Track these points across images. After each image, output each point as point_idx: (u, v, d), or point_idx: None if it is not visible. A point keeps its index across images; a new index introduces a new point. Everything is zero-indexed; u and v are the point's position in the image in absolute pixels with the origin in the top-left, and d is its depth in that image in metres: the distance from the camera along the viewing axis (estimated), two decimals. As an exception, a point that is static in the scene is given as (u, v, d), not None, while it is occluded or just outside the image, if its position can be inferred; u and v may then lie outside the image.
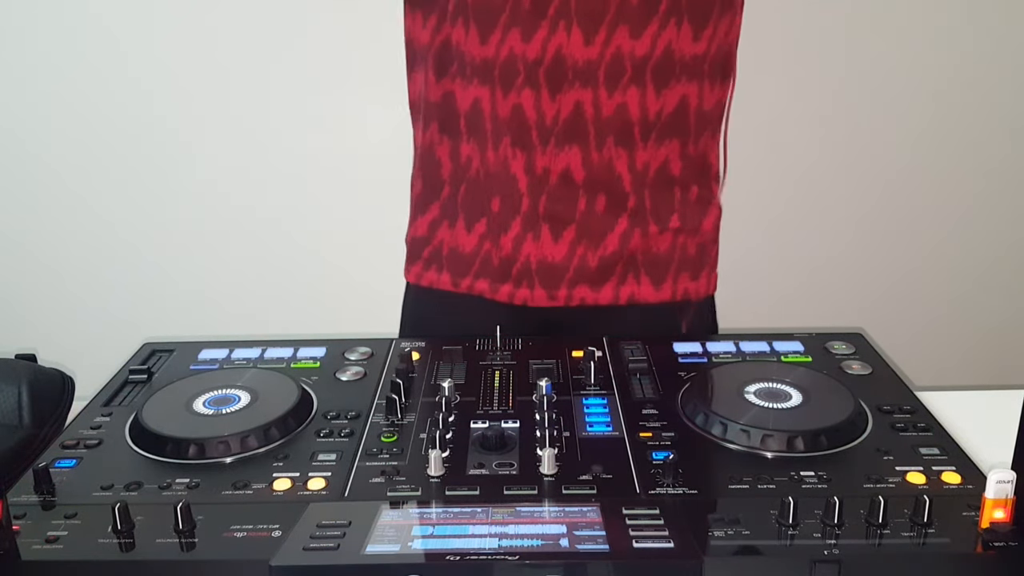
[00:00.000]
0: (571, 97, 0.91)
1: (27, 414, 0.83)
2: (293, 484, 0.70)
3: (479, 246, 0.99)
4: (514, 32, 0.89)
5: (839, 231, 1.90)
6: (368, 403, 0.84)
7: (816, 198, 1.87)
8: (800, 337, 0.97)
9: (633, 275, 0.98)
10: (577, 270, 0.97)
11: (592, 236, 0.96)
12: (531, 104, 0.92)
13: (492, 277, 1.00)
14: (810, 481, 0.70)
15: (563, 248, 0.97)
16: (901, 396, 0.84)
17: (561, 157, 0.93)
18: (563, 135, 0.92)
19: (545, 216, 0.96)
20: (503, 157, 0.94)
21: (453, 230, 1.00)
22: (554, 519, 0.65)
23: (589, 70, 0.90)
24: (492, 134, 0.94)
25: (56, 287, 1.88)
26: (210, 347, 0.96)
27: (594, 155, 0.93)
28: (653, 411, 0.81)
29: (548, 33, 0.89)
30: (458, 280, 1.02)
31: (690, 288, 1.01)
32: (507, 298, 1.00)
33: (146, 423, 0.78)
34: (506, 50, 0.90)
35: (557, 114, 0.92)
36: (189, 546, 0.63)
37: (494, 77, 0.91)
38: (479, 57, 0.91)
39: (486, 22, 0.90)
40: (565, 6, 0.88)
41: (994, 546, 0.61)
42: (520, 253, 0.97)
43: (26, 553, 0.62)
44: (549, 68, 0.90)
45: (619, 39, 0.89)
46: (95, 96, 1.75)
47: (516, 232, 0.97)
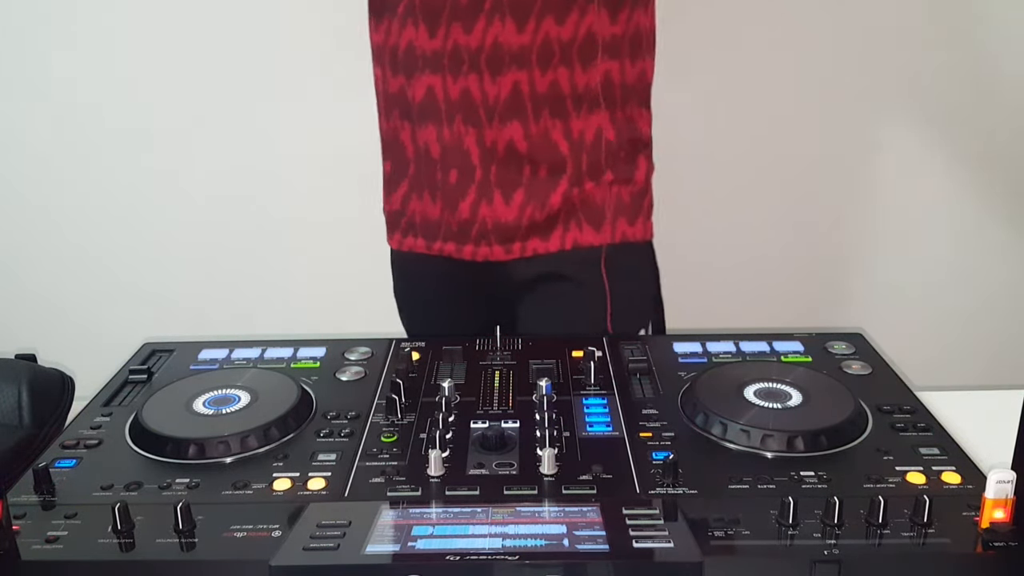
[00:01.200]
0: (509, 78, 1.03)
1: (27, 414, 0.83)
2: (293, 484, 0.70)
3: (442, 214, 1.12)
4: (456, 26, 1.02)
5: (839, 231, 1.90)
6: (368, 403, 0.84)
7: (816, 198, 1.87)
8: (800, 337, 0.97)
9: (575, 223, 1.10)
10: (527, 226, 1.09)
11: (538, 197, 1.08)
12: (476, 86, 1.04)
13: (456, 239, 1.12)
14: (810, 481, 0.70)
15: (514, 210, 1.09)
16: (901, 396, 0.84)
17: (505, 131, 1.05)
18: (505, 111, 1.04)
19: (496, 183, 1.08)
20: (457, 134, 1.06)
21: (421, 201, 1.13)
22: (554, 519, 0.65)
23: (523, 55, 1.02)
24: (446, 115, 1.06)
25: (56, 287, 1.88)
26: (210, 347, 0.96)
27: (532, 127, 1.05)
28: (653, 411, 0.81)
29: (486, 24, 1.01)
30: (430, 244, 1.14)
31: (628, 232, 1.12)
32: (471, 256, 1.12)
33: (146, 423, 0.78)
34: (451, 42, 1.03)
35: (498, 94, 1.04)
36: (189, 546, 0.63)
37: (444, 66, 1.04)
38: (430, 50, 1.04)
39: (432, 20, 1.03)
40: (498, 1, 1.01)
41: (994, 546, 0.61)
42: (477, 216, 1.10)
43: (26, 553, 0.62)
44: (489, 55, 1.02)
45: (547, 26, 1.02)
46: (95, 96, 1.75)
47: (472, 199, 1.09)
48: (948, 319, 1.97)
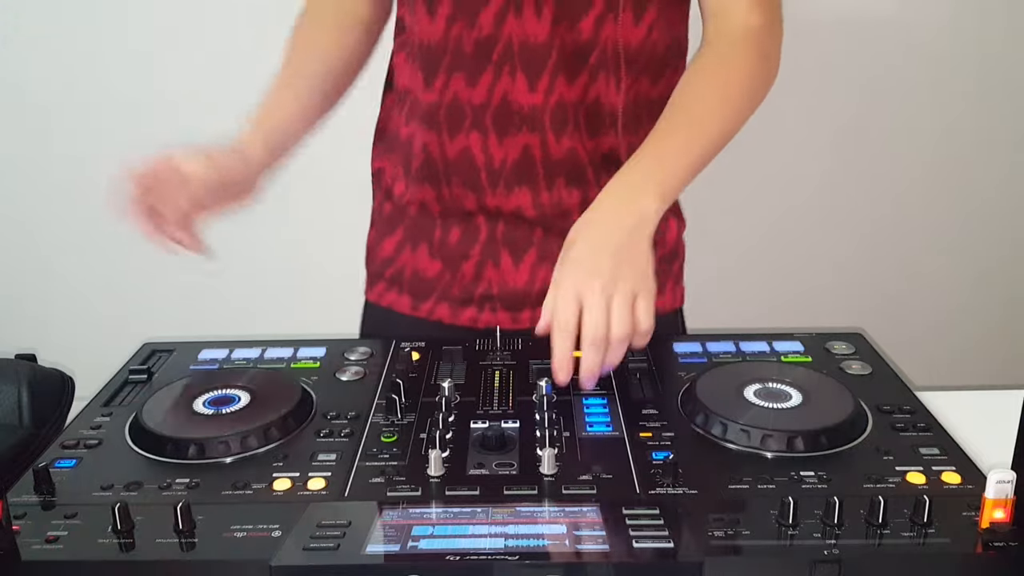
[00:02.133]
0: (519, 140, 0.93)
1: (27, 414, 0.83)
2: (293, 484, 0.70)
3: (440, 273, 1.01)
4: (457, 77, 0.92)
5: (839, 231, 1.90)
6: (368, 403, 0.84)
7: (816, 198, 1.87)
8: (800, 337, 0.97)
9: None
10: (540, 292, 0.96)
11: (553, 259, 0.95)
12: (479, 147, 0.94)
13: (452, 302, 1.01)
14: (810, 481, 0.70)
15: (524, 273, 0.98)
16: (901, 396, 0.84)
17: (511, 198, 0.96)
18: (512, 177, 0.95)
19: (504, 242, 0.98)
20: (456, 195, 0.97)
21: (415, 254, 1.02)
22: (554, 519, 0.65)
23: (535, 115, 0.93)
24: (443, 175, 0.97)
25: (56, 287, 1.88)
26: (210, 347, 0.96)
27: (544, 195, 0.96)
28: (653, 411, 0.81)
29: (493, 79, 0.91)
30: (418, 303, 1.03)
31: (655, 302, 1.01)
32: (469, 322, 1.01)
33: (146, 423, 0.78)
34: (450, 94, 0.93)
35: (505, 157, 0.94)
36: (189, 546, 0.63)
37: (439, 121, 0.94)
38: (424, 101, 0.95)
39: (430, 67, 0.93)
40: (508, 52, 0.91)
41: (994, 546, 0.61)
42: (482, 278, 0.99)
43: (26, 553, 0.62)
44: (496, 112, 0.92)
45: (560, 87, 0.92)
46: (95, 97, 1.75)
47: (476, 259, 0.99)
48: (948, 319, 1.97)
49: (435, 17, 0.91)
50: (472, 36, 0.91)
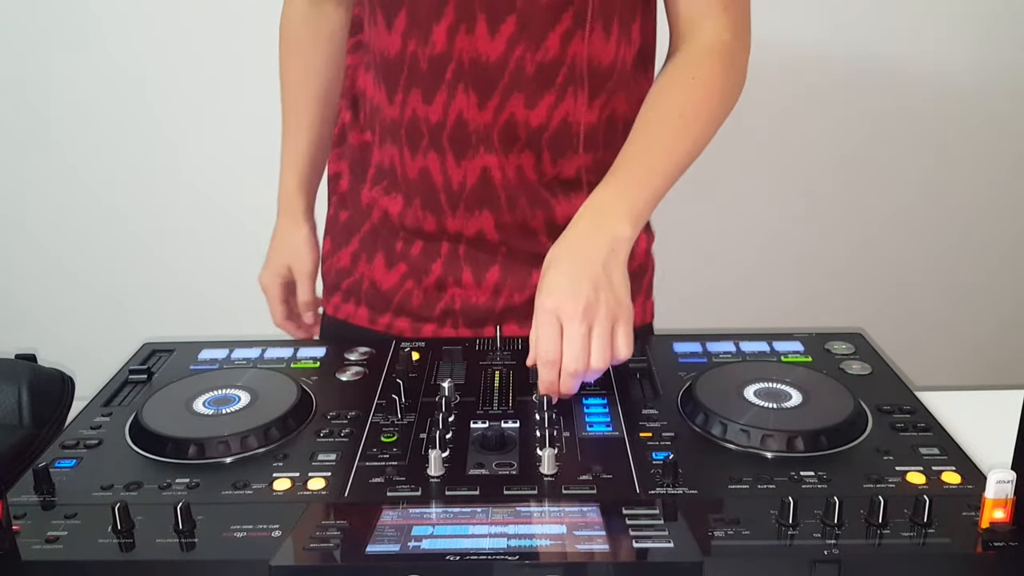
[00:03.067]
0: (477, 163, 0.91)
1: (27, 414, 0.83)
2: (293, 484, 0.70)
3: (400, 284, 0.99)
4: (415, 93, 0.90)
5: (839, 232, 1.90)
6: (368, 403, 0.84)
7: (816, 198, 1.87)
8: (800, 337, 0.97)
9: None
10: (503, 309, 0.97)
11: (516, 277, 0.96)
12: (437, 168, 0.92)
13: (413, 316, 0.99)
14: (810, 481, 0.70)
15: (487, 292, 0.97)
16: (901, 396, 0.84)
17: (472, 220, 0.94)
18: (472, 200, 0.93)
19: (466, 260, 0.96)
20: (417, 216, 0.95)
21: (371, 265, 1.00)
22: (554, 519, 0.65)
23: (487, 134, 0.90)
24: (405, 193, 0.95)
25: (56, 287, 1.89)
26: (210, 347, 0.96)
27: (506, 216, 0.94)
28: (653, 411, 0.81)
29: (447, 97, 0.89)
30: (375, 317, 1.01)
31: None
32: (432, 337, 0.99)
33: (146, 423, 0.78)
34: (409, 111, 0.91)
35: (464, 179, 0.92)
36: (189, 546, 0.63)
37: (401, 136, 0.92)
38: (388, 117, 0.93)
39: (391, 81, 0.91)
40: (460, 70, 0.88)
41: (994, 546, 0.61)
42: (444, 294, 0.97)
43: (26, 553, 0.62)
44: (452, 132, 0.90)
45: (512, 106, 0.89)
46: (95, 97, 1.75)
47: (438, 275, 0.97)
48: (948, 319, 1.97)
49: (392, 31, 0.90)
50: (426, 53, 0.89)
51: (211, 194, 1.82)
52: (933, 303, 1.96)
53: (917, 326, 1.93)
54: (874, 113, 1.80)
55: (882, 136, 1.82)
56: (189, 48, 1.72)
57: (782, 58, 1.73)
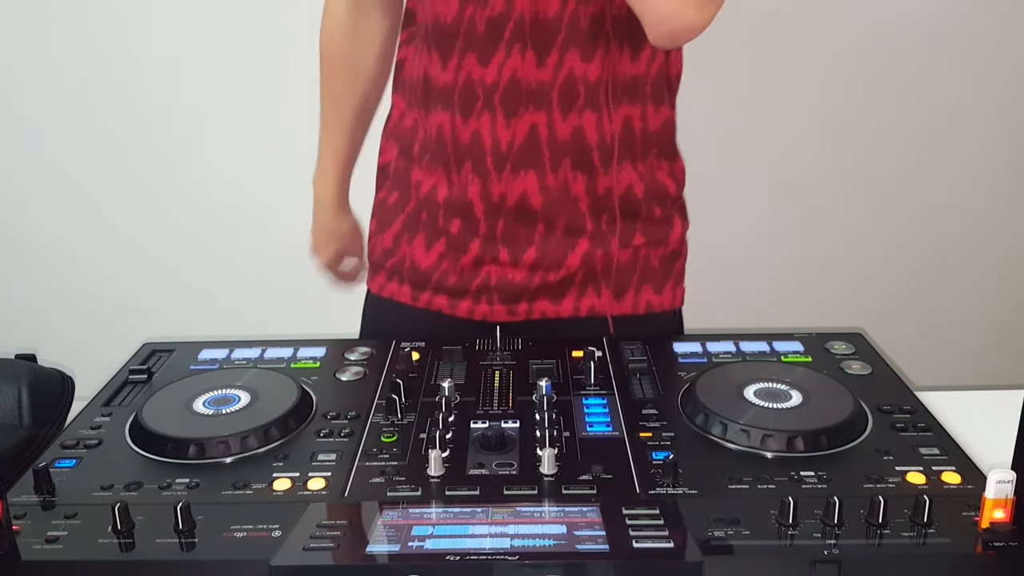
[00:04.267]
0: (526, 120, 0.93)
1: (27, 414, 0.83)
2: (293, 484, 0.70)
3: (437, 264, 1.01)
4: (470, 57, 0.92)
5: (839, 231, 1.90)
6: (368, 403, 0.84)
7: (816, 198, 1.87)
8: (800, 337, 0.97)
9: (594, 288, 0.99)
10: (538, 287, 0.98)
11: (552, 258, 0.97)
12: (488, 129, 0.93)
13: (450, 293, 1.01)
14: (810, 481, 0.70)
15: (522, 271, 0.98)
16: (901, 396, 0.84)
17: (517, 182, 0.95)
18: (518, 160, 0.94)
19: (503, 240, 0.98)
20: (462, 183, 0.96)
21: (412, 246, 1.03)
22: (554, 519, 0.65)
23: (543, 92, 0.92)
24: (454, 160, 0.96)
25: (56, 287, 1.88)
26: (210, 347, 0.96)
27: (549, 178, 0.95)
28: (653, 411, 0.81)
29: (504, 57, 0.91)
30: (417, 294, 1.03)
31: (653, 301, 1.01)
32: (466, 313, 1.01)
33: (146, 423, 0.78)
34: (464, 75, 0.92)
35: (512, 138, 0.93)
36: (189, 546, 0.63)
37: (454, 102, 0.94)
38: (441, 83, 0.94)
39: (445, 48, 0.93)
40: (520, 29, 0.90)
41: (994, 546, 0.61)
42: (479, 272, 0.99)
43: (26, 553, 0.62)
44: (504, 92, 0.92)
45: (570, 62, 0.91)
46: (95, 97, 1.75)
47: (475, 254, 0.99)
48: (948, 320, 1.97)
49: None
50: (485, 15, 0.90)
51: (211, 194, 1.82)
52: (933, 303, 1.95)
53: (917, 326, 1.93)
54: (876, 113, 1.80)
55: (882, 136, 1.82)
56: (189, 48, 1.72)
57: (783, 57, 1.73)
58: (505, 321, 1.00)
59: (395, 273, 1.05)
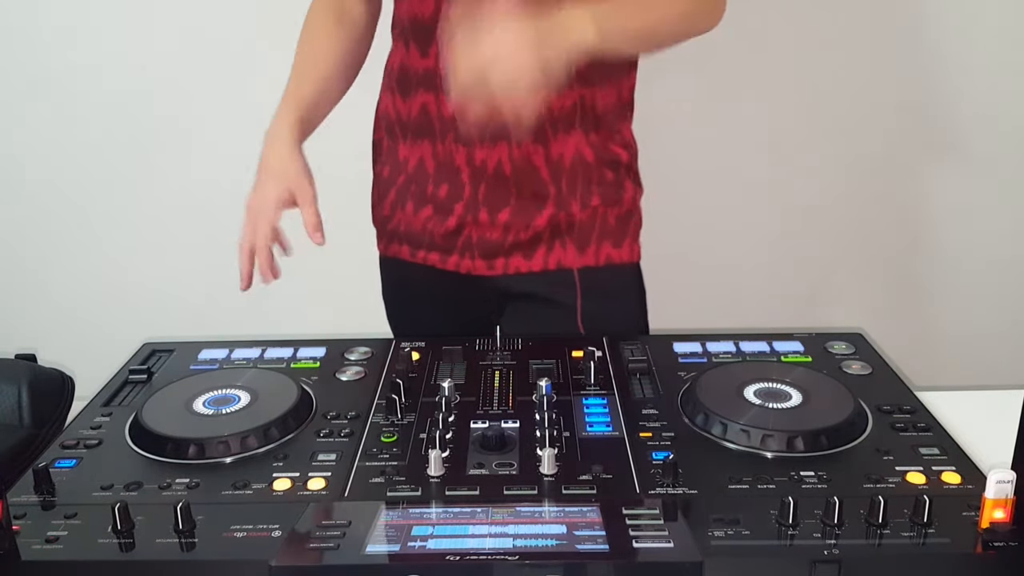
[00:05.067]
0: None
1: (27, 414, 0.83)
2: (293, 484, 0.70)
3: (426, 225, 1.12)
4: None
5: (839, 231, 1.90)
6: (368, 403, 0.84)
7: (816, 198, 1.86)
8: (800, 337, 0.97)
9: (560, 243, 1.10)
10: (511, 244, 1.10)
11: (523, 218, 1.08)
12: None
13: (441, 251, 1.13)
14: (810, 481, 0.70)
15: (498, 230, 1.09)
16: (901, 396, 0.84)
17: (494, 151, 1.05)
18: (493, 133, 1.03)
19: (483, 202, 1.08)
20: (448, 151, 1.07)
21: (404, 212, 1.14)
22: (554, 519, 0.65)
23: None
24: (439, 132, 1.07)
25: (56, 287, 1.88)
26: (210, 347, 0.96)
27: (515, 151, 1.05)
28: (653, 411, 0.81)
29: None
30: (414, 252, 1.16)
31: (613, 254, 1.12)
32: (455, 267, 1.13)
33: (146, 423, 0.78)
34: (443, 61, 1.00)
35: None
36: (189, 546, 0.63)
37: (436, 84, 1.04)
38: (422, 68, 1.06)
39: (423, 40, 1.04)
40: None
41: (994, 546, 0.61)
42: (463, 231, 1.11)
43: (26, 553, 0.62)
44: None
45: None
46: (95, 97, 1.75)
47: (459, 213, 1.09)
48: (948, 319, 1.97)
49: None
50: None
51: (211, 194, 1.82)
52: (933, 303, 1.95)
53: (917, 326, 1.93)
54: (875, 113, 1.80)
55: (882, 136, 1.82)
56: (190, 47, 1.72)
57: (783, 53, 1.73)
58: (486, 274, 1.11)
59: (395, 235, 1.17)
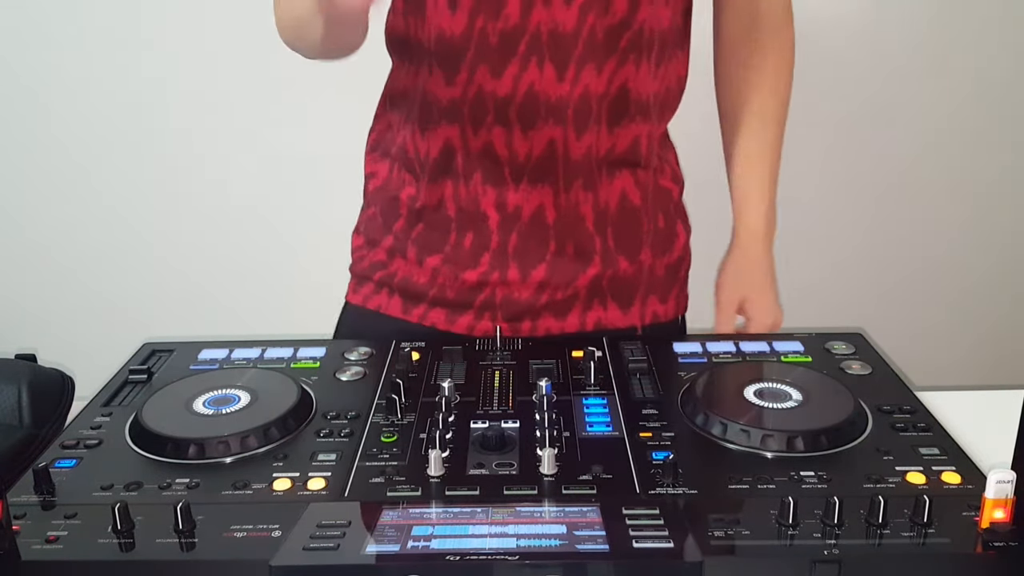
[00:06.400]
0: (545, 134, 0.90)
1: (27, 414, 0.83)
2: (293, 484, 0.70)
3: (432, 279, 0.98)
4: (482, 69, 0.89)
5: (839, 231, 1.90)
6: (368, 403, 0.84)
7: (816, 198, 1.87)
8: (800, 337, 0.96)
9: (599, 301, 0.98)
10: (545, 304, 0.97)
11: (562, 276, 0.96)
12: (502, 141, 0.91)
13: (450, 308, 0.99)
14: (810, 481, 0.70)
15: (530, 288, 0.97)
16: (901, 396, 0.84)
17: (534, 195, 0.93)
18: (535, 173, 0.92)
19: (514, 255, 0.96)
20: (474, 193, 0.94)
21: (406, 261, 1.00)
22: (554, 519, 0.65)
23: (560, 108, 0.89)
24: (463, 170, 0.93)
25: (56, 287, 1.89)
26: (210, 347, 0.96)
27: (562, 197, 0.93)
28: (653, 411, 0.81)
29: (519, 70, 0.88)
30: (409, 308, 1.00)
31: (659, 311, 1.02)
32: (465, 330, 0.99)
33: (146, 423, 0.78)
34: (474, 88, 0.90)
35: (530, 151, 0.91)
36: (189, 546, 0.63)
37: (463, 115, 0.91)
38: (447, 99, 0.91)
39: (451, 64, 0.90)
40: (536, 42, 0.87)
41: (994, 546, 0.61)
42: (484, 289, 0.97)
43: (26, 553, 0.62)
44: (521, 105, 0.89)
45: (586, 77, 0.89)
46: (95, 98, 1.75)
47: (484, 269, 0.96)
48: (948, 320, 1.97)
49: (456, 11, 0.88)
50: (498, 27, 0.87)
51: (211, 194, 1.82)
52: (933, 303, 1.96)
53: (917, 326, 1.93)
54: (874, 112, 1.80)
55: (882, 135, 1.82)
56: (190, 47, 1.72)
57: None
58: (507, 336, 0.98)
59: (384, 285, 1.02)
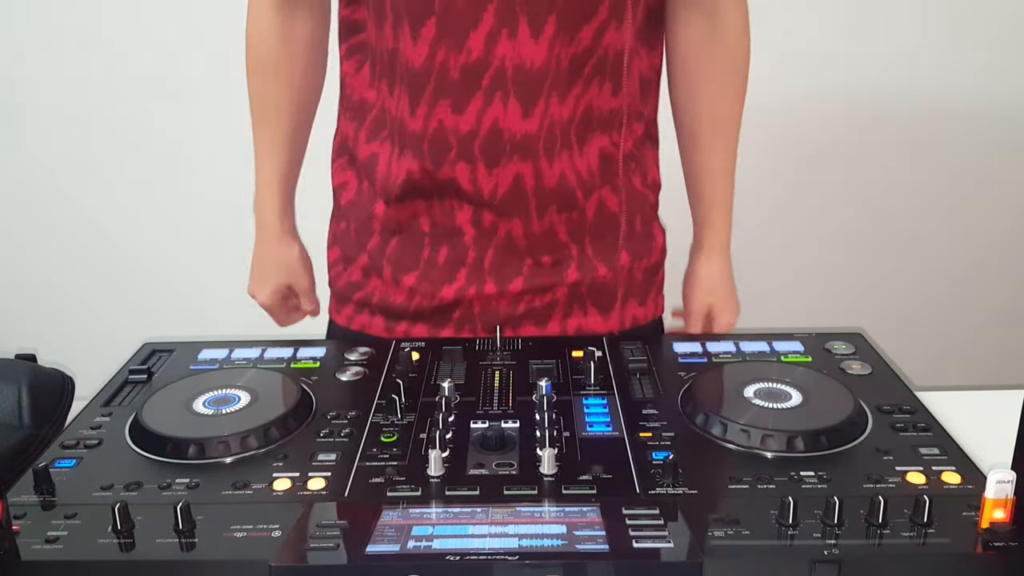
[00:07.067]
0: (510, 170, 0.89)
1: (27, 414, 0.83)
2: (293, 484, 0.70)
3: (410, 297, 0.98)
4: (443, 104, 0.86)
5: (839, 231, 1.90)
6: (368, 403, 0.84)
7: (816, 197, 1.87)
8: (800, 337, 0.97)
9: (579, 307, 0.99)
10: (521, 315, 0.97)
11: (539, 286, 0.96)
12: (467, 178, 0.90)
13: (431, 323, 0.99)
14: (810, 481, 0.70)
15: (507, 300, 0.97)
16: (901, 396, 0.84)
17: (502, 225, 0.93)
18: (503, 207, 0.91)
19: (490, 270, 0.95)
20: (449, 208, 0.93)
21: (382, 280, 0.99)
22: (554, 519, 0.65)
23: (528, 143, 0.88)
24: (435, 192, 0.92)
25: (56, 287, 1.89)
26: (210, 347, 0.96)
27: (535, 225, 0.93)
28: (653, 411, 0.81)
29: (483, 105, 0.86)
30: (392, 325, 1.00)
31: (638, 314, 1.02)
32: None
33: (146, 423, 0.78)
34: (435, 122, 0.87)
35: (495, 187, 0.90)
36: (189, 546, 0.63)
37: (423, 151, 0.89)
38: (409, 130, 0.89)
39: (415, 93, 0.87)
40: (501, 77, 0.85)
41: (994, 546, 0.61)
42: (463, 301, 0.97)
43: (26, 553, 0.62)
44: (485, 141, 0.87)
45: (552, 108, 0.87)
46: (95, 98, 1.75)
47: (460, 284, 0.96)
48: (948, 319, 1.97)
49: (418, 40, 0.85)
50: (459, 61, 0.85)
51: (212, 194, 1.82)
52: (933, 303, 1.96)
53: (917, 326, 1.93)
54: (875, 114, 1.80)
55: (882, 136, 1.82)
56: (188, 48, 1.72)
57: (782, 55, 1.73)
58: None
59: (364, 305, 1.01)
